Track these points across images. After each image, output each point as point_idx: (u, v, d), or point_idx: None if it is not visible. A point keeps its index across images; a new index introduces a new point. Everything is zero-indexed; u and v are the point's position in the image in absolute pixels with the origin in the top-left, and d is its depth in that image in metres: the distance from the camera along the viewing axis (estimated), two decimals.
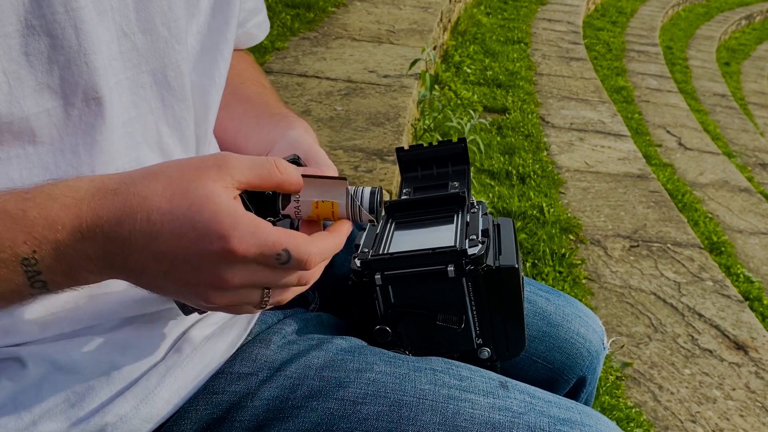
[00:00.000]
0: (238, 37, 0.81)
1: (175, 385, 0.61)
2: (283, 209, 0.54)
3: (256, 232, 0.47)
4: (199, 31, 0.66)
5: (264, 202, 0.54)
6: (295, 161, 0.61)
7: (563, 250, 2.51)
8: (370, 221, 0.55)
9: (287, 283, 0.51)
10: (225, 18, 0.68)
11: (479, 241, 0.67)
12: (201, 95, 0.67)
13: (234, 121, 0.75)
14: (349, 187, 0.55)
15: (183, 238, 0.46)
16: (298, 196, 0.54)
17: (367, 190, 0.55)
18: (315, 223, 0.56)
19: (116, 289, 0.59)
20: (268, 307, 0.52)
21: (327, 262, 0.55)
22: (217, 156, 0.50)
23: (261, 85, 0.83)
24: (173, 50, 0.60)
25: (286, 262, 0.48)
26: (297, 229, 0.56)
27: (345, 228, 0.55)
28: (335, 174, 0.63)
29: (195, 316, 0.63)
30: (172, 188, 0.47)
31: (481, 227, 0.70)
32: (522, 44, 5.79)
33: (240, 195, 0.51)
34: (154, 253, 0.47)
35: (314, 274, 0.53)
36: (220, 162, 0.49)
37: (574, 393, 0.89)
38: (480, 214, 0.74)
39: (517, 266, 0.67)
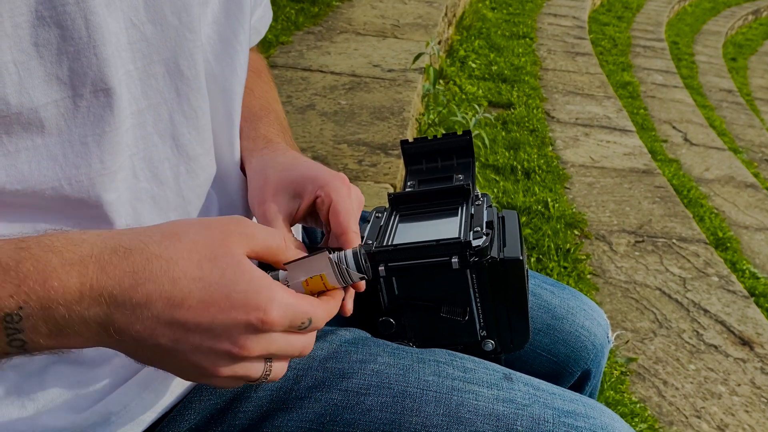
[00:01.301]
0: None
1: None
2: None
3: (291, 305, 0.48)
4: (215, 20, 0.66)
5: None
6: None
7: (568, 246, 2.51)
8: (361, 278, 0.56)
9: (293, 351, 0.51)
10: (239, 5, 0.67)
11: (484, 233, 0.67)
12: (223, 86, 0.67)
13: None
14: (331, 255, 0.55)
15: (213, 306, 0.45)
16: (286, 281, 0.54)
17: (350, 252, 0.56)
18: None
19: None
20: (263, 381, 0.51)
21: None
22: (235, 220, 0.50)
23: (248, 91, 0.80)
24: (185, 39, 0.59)
25: (306, 327, 0.50)
26: None
27: (338, 295, 0.56)
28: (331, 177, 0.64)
29: None
30: (199, 253, 0.46)
31: (485, 219, 0.70)
32: (527, 39, 5.77)
33: None
34: (172, 319, 0.45)
35: (312, 343, 0.53)
36: (241, 229, 0.49)
37: (579, 386, 0.89)
38: (484, 206, 0.73)
39: (521, 258, 0.66)
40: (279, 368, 0.51)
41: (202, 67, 0.62)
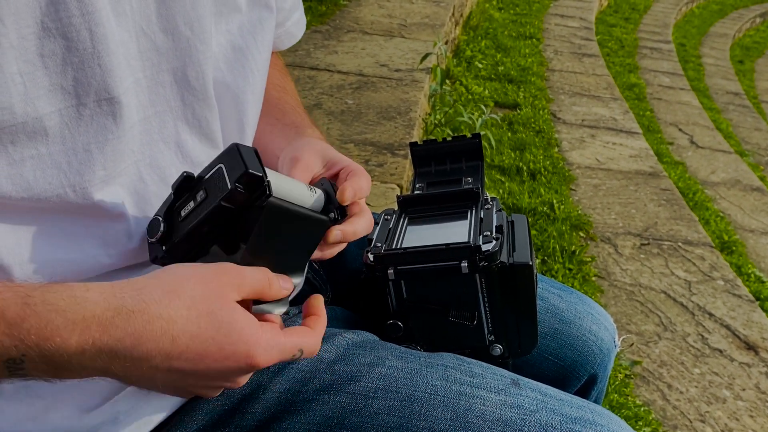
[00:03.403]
0: (278, 36, 0.81)
1: None
2: None
3: (276, 346, 0.52)
4: (229, 30, 0.66)
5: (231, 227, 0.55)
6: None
7: (573, 248, 2.50)
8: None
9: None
10: (253, 20, 0.68)
11: (493, 238, 0.67)
12: (235, 95, 0.67)
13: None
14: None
15: (207, 358, 0.49)
16: None
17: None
18: None
19: None
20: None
21: None
22: (224, 269, 0.52)
23: (282, 89, 0.84)
24: (195, 49, 0.60)
25: (299, 357, 0.55)
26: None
27: (323, 318, 0.60)
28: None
29: None
30: (197, 309, 0.49)
31: (495, 223, 0.70)
32: (534, 40, 5.76)
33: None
34: (170, 367, 0.49)
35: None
36: (232, 278, 0.52)
37: (585, 390, 0.89)
38: (494, 210, 0.73)
39: (531, 263, 0.66)
40: None
41: (210, 77, 0.62)
